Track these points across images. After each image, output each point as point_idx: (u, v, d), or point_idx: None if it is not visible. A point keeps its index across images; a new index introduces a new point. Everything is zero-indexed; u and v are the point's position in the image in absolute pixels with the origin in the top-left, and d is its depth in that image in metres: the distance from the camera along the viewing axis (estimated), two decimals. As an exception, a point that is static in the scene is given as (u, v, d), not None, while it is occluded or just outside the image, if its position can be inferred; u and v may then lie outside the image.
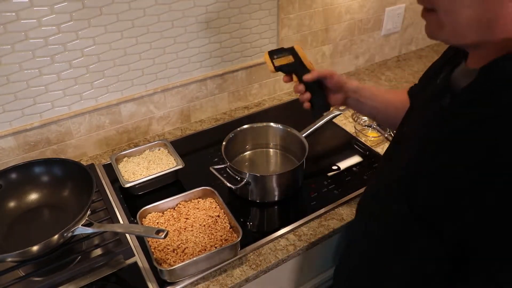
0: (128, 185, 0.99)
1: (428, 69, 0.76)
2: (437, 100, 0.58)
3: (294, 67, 0.86)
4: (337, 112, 1.14)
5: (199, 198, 0.96)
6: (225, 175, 1.00)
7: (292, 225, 0.94)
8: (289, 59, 0.86)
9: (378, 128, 1.24)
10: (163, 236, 0.73)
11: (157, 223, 0.89)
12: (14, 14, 0.90)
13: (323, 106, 0.88)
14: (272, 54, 0.87)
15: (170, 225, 0.89)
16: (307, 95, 0.87)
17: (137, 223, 0.88)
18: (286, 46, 0.91)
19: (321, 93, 0.88)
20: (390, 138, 1.19)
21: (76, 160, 0.96)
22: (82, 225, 0.78)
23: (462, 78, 0.56)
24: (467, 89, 0.52)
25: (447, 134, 0.53)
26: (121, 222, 0.94)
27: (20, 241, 0.83)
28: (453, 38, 0.52)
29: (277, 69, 0.86)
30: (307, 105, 0.89)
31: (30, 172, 0.91)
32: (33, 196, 0.91)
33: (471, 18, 0.48)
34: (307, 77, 0.84)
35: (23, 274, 0.78)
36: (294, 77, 0.87)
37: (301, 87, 0.86)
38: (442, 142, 0.53)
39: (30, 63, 0.97)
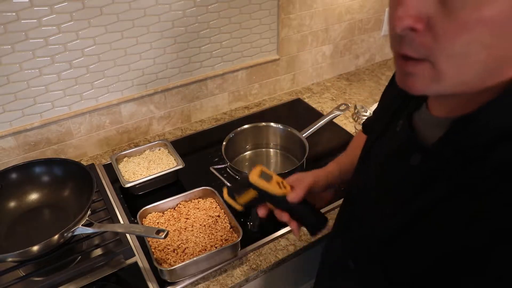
0: (128, 185, 0.99)
1: (383, 103, 0.66)
2: (403, 156, 0.49)
3: (263, 199, 0.68)
4: (337, 112, 1.14)
5: (200, 198, 0.96)
6: (225, 175, 1.00)
7: (292, 225, 0.94)
8: (252, 193, 0.67)
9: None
10: (163, 236, 0.73)
11: (158, 223, 0.89)
12: (14, 14, 0.90)
13: (319, 222, 0.68)
14: (232, 191, 0.70)
15: (170, 225, 0.89)
16: (294, 223, 0.68)
17: (137, 223, 0.88)
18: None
19: (310, 209, 0.68)
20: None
21: (76, 160, 0.96)
22: (82, 225, 0.78)
23: (427, 128, 0.48)
24: (439, 146, 0.44)
25: (426, 200, 0.45)
26: (122, 222, 0.94)
27: (20, 241, 0.83)
28: (451, 89, 0.40)
29: (244, 207, 0.70)
30: (296, 232, 0.69)
31: (31, 172, 0.91)
32: (34, 196, 0.91)
33: (484, 61, 0.37)
34: (292, 199, 0.65)
35: (24, 274, 0.78)
36: (269, 204, 0.69)
37: (285, 215, 0.67)
38: (421, 208, 0.46)
39: (30, 63, 0.97)
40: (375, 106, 1.38)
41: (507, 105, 0.39)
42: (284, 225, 0.93)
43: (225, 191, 0.71)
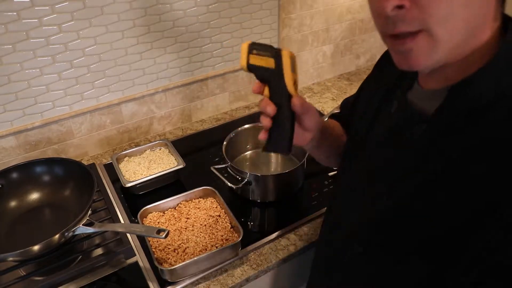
0: (129, 185, 0.99)
1: (357, 98, 0.68)
2: (404, 131, 0.51)
3: (270, 77, 0.60)
4: (338, 112, 1.14)
5: (200, 197, 0.96)
6: (226, 174, 1.00)
7: (293, 224, 0.94)
8: (268, 62, 0.60)
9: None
10: (164, 235, 0.73)
11: (158, 222, 0.90)
12: (15, 13, 0.90)
13: (286, 146, 0.61)
14: (253, 47, 0.61)
15: (171, 224, 0.89)
16: (269, 122, 0.61)
17: (138, 222, 0.88)
18: (291, 46, 0.72)
19: (290, 128, 0.62)
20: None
21: (77, 160, 0.96)
22: (83, 224, 0.78)
23: (424, 102, 0.50)
24: (441, 113, 0.47)
25: (433, 166, 0.47)
26: (122, 221, 0.94)
27: (21, 240, 0.83)
28: (447, 55, 0.44)
29: (249, 67, 0.61)
30: (263, 135, 0.62)
31: (31, 171, 0.91)
32: (34, 196, 0.91)
33: (467, 20, 0.42)
34: (296, 103, 0.59)
35: (24, 273, 0.78)
36: (266, 90, 0.61)
37: (271, 107, 0.59)
38: (430, 176, 0.47)
39: (31, 63, 0.97)
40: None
41: (500, 68, 0.43)
42: (285, 224, 0.94)
43: (246, 43, 0.61)
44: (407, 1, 0.41)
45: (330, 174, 1.08)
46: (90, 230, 0.78)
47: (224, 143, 1.04)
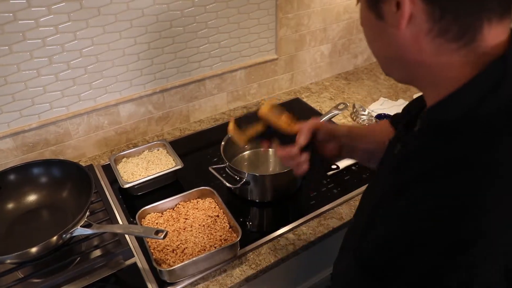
0: (127, 186, 0.98)
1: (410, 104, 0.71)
2: (394, 145, 0.55)
3: (269, 135, 0.69)
4: (336, 112, 1.14)
5: (198, 198, 0.95)
6: (224, 175, 1.00)
7: (291, 224, 0.94)
8: (257, 127, 0.69)
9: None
10: (162, 236, 0.73)
11: (157, 223, 0.89)
12: (11, 15, 0.90)
13: (324, 163, 0.71)
14: (239, 123, 0.71)
15: (169, 225, 0.89)
16: (305, 156, 0.69)
17: (136, 223, 0.88)
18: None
19: (315, 150, 0.71)
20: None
21: (75, 161, 0.96)
22: (81, 226, 0.78)
23: (421, 121, 0.53)
24: (410, 136, 0.50)
25: (390, 186, 0.48)
26: (120, 222, 0.94)
27: (19, 242, 0.83)
28: (392, 69, 0.51)
29: (249, 141, 0.71)
30: (305, 167, 0.70)
31: (29, 173, 0.91)
32: (32, 197, 0.91)
33: (380, 49, 0.49)
34: (300, 141, 0.67)
35: (22, 275, 0.78)
36: (275, 144, 0.71)
37: (295, 151, 0.68)
38: (385, 194, 0.49)
39: (28, 64, 0.97)
40: (373, 105, 1.38)
41: (449, 102, 0.44)
42: (284, 224, 0.94)
43: (231, 123, 0.71)
44: None
45: (329, 173, 1.08)
46: (88, 231, 0.78)
47: (222, 143, 1.04)
